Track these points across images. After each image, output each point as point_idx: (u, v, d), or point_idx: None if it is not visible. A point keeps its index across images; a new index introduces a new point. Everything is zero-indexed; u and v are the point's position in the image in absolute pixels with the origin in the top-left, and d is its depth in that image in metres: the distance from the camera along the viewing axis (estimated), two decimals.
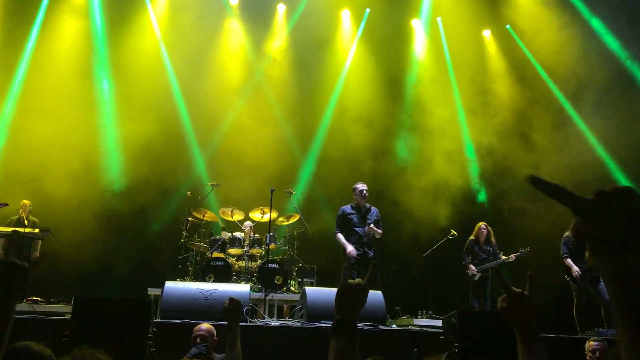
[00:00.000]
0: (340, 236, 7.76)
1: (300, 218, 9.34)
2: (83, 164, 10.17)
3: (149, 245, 10.32)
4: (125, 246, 10.18)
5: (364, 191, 7.84)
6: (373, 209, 7.98)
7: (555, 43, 11.10)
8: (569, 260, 7.87)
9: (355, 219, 7.81)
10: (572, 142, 11.13)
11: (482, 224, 9.03)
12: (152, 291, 8.21)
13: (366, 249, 7.69)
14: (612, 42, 11.17)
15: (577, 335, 7.18)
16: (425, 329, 6.73)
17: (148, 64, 11.19)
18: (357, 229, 7.75)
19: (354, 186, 8.00)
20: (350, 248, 7.58)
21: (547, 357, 1.60)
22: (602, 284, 7.65)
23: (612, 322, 7.39)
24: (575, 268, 7.75)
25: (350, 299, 1.70)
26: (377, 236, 7.74)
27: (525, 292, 1.66)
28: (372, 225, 7.66)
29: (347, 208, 7.94)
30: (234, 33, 11.91)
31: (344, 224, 7.83)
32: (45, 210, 9.24)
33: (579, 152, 11.03)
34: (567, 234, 7.99)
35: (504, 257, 8.68)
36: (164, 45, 11.48)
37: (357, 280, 1.74)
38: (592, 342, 4.82)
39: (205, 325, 4.69)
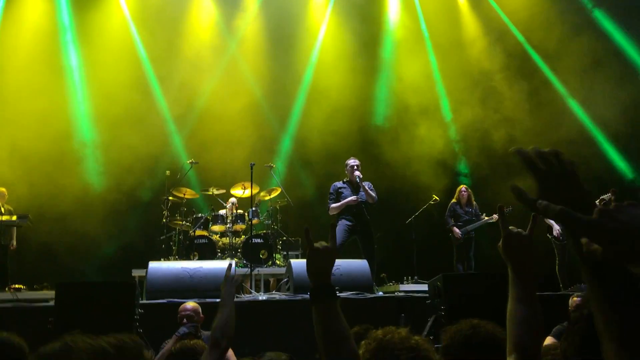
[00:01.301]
0: (334, 204, 7.56)
1: (282, 191, 9.31)
2: (58, 148, 9.97)
3: (130, 227, 10.21)
4: (106, 229, 10.05)
5: (355, 166, 7.65)
6: (366, 182, 7.75)
7: (532, 7, 11.06)
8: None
9: (347, 192, 7.64)
10: (548, 105, 11.21)
11: (462, 187, 9.15)
12: (137, 272, 8.15)
13: (361, 222, 7.50)
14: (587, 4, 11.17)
15: (561, 292, 7.32)
16: (411, 294, 6.80)
17: (118, 44, 10.93)
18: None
19: (346, 162, 7.82)
20: (350, 198, 7.46)
21: (536, 300, 1.60)
22: None
23: None
24: (556, 226, 7.87)
25: (321, 262, 1.71)
26: (371, 200, 7.53)
27: (524, 232, 1.64)
28: (366, 187, 7.49)
29: (339, 183, 7.78)
30: (204, 9, 11.64)
31: (337, 199, 7.66)
32: (22, 197, 9.06)
33: (555, 113, 11.13)
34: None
35: (486, 218, 8.81)
36: (133, 24, 11.19)
37: (322, 242, 1.75)
38: (575, 298, 4.91)
39: (190, 304, 4.67)
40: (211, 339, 2.58)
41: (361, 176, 7.49)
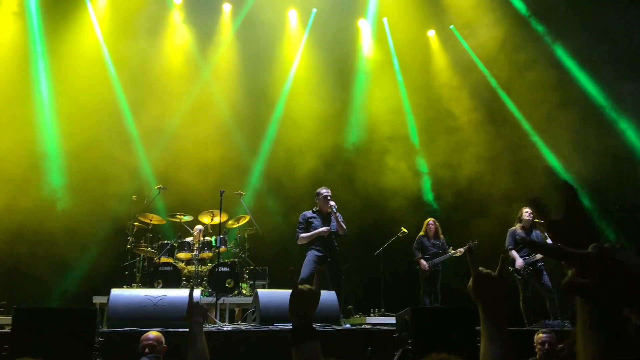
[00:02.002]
0: (304, 234, 7.42)
1: (250, 219, 9.24)
2: (21, 169, 9.72)
3: (93, 252, 9.95)
4: (68, 253, 9.79)
5: (328, 196, 7.52)
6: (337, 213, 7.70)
7: (495, 40, 11.41)
8: (513, 252, 8.07)
9: (316, 222, 7.49)
10: (513, 137, 11.50)
11: (430, 220, 9.25)
12: (98, 299, 7.94)
13: (330, 253, 7.39)
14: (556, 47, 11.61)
15: (525, 328, 7.37)
16: (378, 326, 6.76)
17: (89, 65, 10.79)
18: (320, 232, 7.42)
19: (317, 191, 7.69)
20: (321, 228, 7.34)
21: (508, 339, 1.61)
22: (545, 276, 7.90)
23: (557, 314, 7.65)
24: (519, 260, 7.96)
25: (304, 304, 1.71)
26: (341, 232, 7.42)
27: (493, 273, 1.66)
28: (338, 217, 7.37)
29: (309, 213, 7.62)
30: (178, 33, 11.65)
31: (306, 229, 7.51)
32: None
33: (519, 147, 11.42)
34: (512, 228, 8.22)
35: (452, 251, 8.90)
36: (105, 46, 11.11)
37: (307, 285, 1.75)
38: (541, 334, 4.93)
39: (153, 334, 4.55)
40: None
41: (336, 206, 7.43)
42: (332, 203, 7.38)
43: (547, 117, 11.02)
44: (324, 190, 7.61)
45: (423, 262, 8.89)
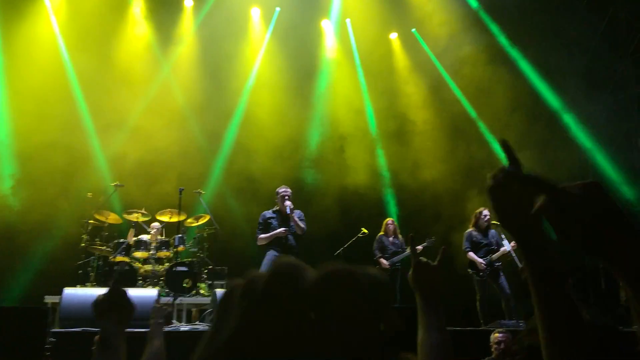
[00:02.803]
0: (263, 235, 7.37)
1: (210, 219, 9.13)
2: None
3: (45, 249, 9.64)
4: (18, 250, 9.46)
5: (286, 195, 7.48)
6: (296, 211, 7.58)
7: (457, 46, 11.61)
8: (471, 254, 8.22)
9: (275, 222, 7.43)
10: (470, 141, 11.72)
11: (388, 220, 9.36)
12: (50, 299, 7.70)
13: (287, 253, 7.33)
14: (513, 52, 11.90)
15: (481, 327, 7.50)
16: None
17: (44, 58, 10.48)
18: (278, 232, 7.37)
19: (277, 190, 7.64)
20: (279, 230, 7.27)
21: (445, 327, 1.63)
22: (502, 276, 8.08)
23: (512, 314, 7.82)
24: (479, 261, 8.11)
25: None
26: (300, 232, 7.40)
27: (432, 263, 1.69)
28: (295, 217, 7.32)
29: (268, 213, 7.57)
30: (138, 27, 11.42)
31: (265, 229, 7.46)
32: None
33: (476, 151, 11.65)
34: (469, 229, 8.37)
35: (409, 249, 8.99)
36: (62, 39, 10.80)
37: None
38: (496, 334, 5.02)
39: None
40: None
41: (292, 206, 7.41)
42: (288, 203, 7.35)
43: (506, 123, 11.26)
44: (282, 190, 7.57)
45: (383, 260, 8.97)
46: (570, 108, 11.42)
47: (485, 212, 8.19)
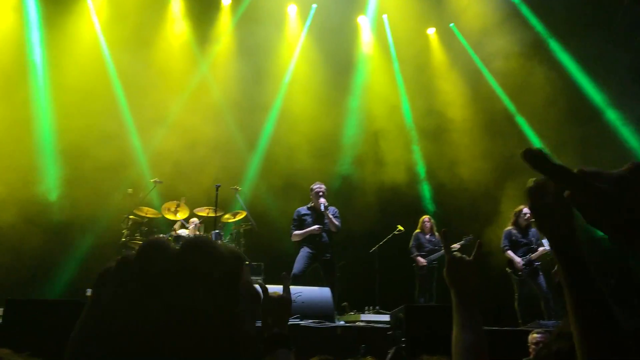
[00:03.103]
0: (297, 232, 7.44)
1: (247, 215, 9.22)
2: (15, 161, 9.66)
3: (88, 244, 9.92)
4: (62, 246, 9.76)
5: (320, 192, 7.51)
6: (331, 208, 7.60)
7: (496, 40, 11.37)
8: (509, 252, 8.07)
9: (309, 219, 7.47)
10: (511, 139, 11.47)
11: (425, 217, 9.28)
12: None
13: (322, 250, 7.36)
14: (553, 44, 11.59)
15: (519, 327, 7.36)
16: (372, 324, 6.75)
17: (86, 56, 10.75)
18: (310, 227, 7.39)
19: (311, 187, 7.67)
20: (312, 227, 7.31)
21: (480, 326, 1.60)
22: (541, 276, 7.90)
23: (552, 314, 7.65)
24: (517, 259, 7.95)
25: (276, 312, 1.68)
26: (334, 229, 7.43)
27: (467, 258, 1.66)
28: (330, 214, 7.31)
29: (303, 209, 7.62)
30: (177, 26, 11.60)
31: (300, 226, 7.51)
32: None
33: (517, 149, 11.37)
34: (508, 227, 8.21)
35: None
36: (103, 37, 11.06)
37: (276, 292, 1.72)
38: (535, 335, 4.92)
39: None
40: None
41: (326, 203, 7.41)
42: (322, 200, 7.36)
43: (546, 120, 11.00)
44: (317, 186, 7.58)
45: (420, 258, 8.89)
46: (614, 105, 11.05)
47: (526, 210, 8.01)
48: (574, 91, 11.34)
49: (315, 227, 7.34)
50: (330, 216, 7.38)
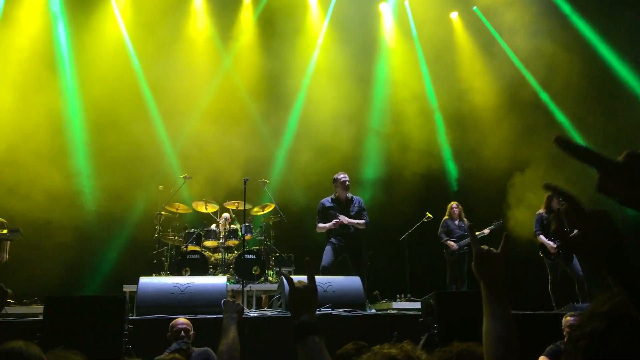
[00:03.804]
0: (321, 224, 7.43)
1: (275, 207, 9.28)
2: (48, 161, 9.88)
3: (122, 241, 10.14)
4: (97, 243, 10.00)
5: (346, 181, 7.45)
6: (356, 198, 7.58)
7: (521, 23, 11.16)
8: (542, 237, 7.97)
9: (334, 211, 7.44)
10: (538, 122, 11.28)
11: (453, 203, 9.20)
12: (127, 288, 8.08)
13: (348, 240, 7.34)
14: (579, 24, 11.31)
15: (554, 311, 7.29)
16: (404, 312, 6.76)
17: (111, 55, 10.91)
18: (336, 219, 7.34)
19: (334, 177, 7.61)
20: (333, 222, 7.28)
21: (510, 316, 1.61)
22: (575, 260, 7.79)
23: (586, 297, 7.54)
24: (550, 244, 7.86)
25: (302, 301, 1.72)
26: (360, 227, 7.40)
27: (495, 250, 1.67)
28: (343, 219, 7.29)
29: (327, 201, 7.57)
30: (200, 22, 11.69)
31: (325, 217, 7.48)
32: (14, 209, 8.96)
33: (544, 132, 11.21)
34: (539, 211, 8.10)
35: (477, 233, 8.83)
36: (127, 35, 11.21)
37: (302, 281, 1.77)
38: (568, 317, 4.88)
39: (183, 319, 4.64)
40: None
41: (345, 221, 7.30)
42: (339, 221, 7.29)
43: (576, 102, 10.78)
44: (342, 176, 7.52)
45: (451, 243, 8.83)
46: None
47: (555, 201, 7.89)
48: (603, 71, 11.08)
49: (335, 221, 7.29)
50: (354, 221, 7.34)
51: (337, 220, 7.30)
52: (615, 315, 1.04)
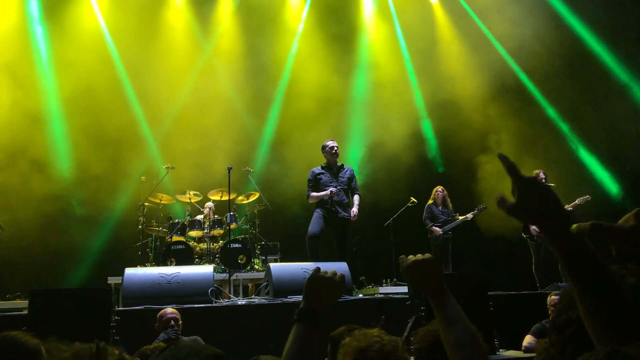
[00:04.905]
0: (313, 194, 7.34)
1: (260, 195, 9.26)
2: (27, 152, 9.73)
3: (105, 233, 10.05)
4: (80, 236, 9.89)
5: (335, 148, 7.38)
6: (346, 167, 7.55)
7: (501, 7, 11.19)
8: None
9: (325, 178, 7.36)
10: (521, 108, 11.36)
11: (438, 188, 9.26)
12: (113, 280, 8.02)
13: (338, 208, 7.28)
14: (561, 8, 11.36)
15: (538, 291, 7.40)
16: (391, 295, 6.80)
17: (90, 47, 10.69)
18: (326, 187, 7.28)
19: (323, 144, 7.52)
20: (325, 191, 7.21)
21: (463, 316, 1.57)
22: None
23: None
24: (532, 226, 7.95)
25: (319, 291, 1.68)
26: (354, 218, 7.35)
27: (422, 256, 1.66)
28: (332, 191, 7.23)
29: (317, 169, 7.47)
30: (179, 11, 11.53)
31: (316, 186, 7.38)
32: None
33: (528, 119, 11.30)
34: None
35: (460, 217, 8.93)
36: (105, 25, 11.01)
37: (331, 272, 1.72)
38: (553, 297, 4.95)
39: (171, 309, 4.62)
40: None
41: (333, 192, 7.23)
42: (328, 193, 7.23)
43: (560, 88, 10.87)
44: (330, 142, 7.46)
45: (436, 228, 8.90)
46: (623, 66, 10.91)
47: (542, 174, 7.97)
48: (584, 55, 11.17)
49: (327, 192, 7.23)
50: (355, 202, 7.33)
51: (332, 189, 7.24)
52: None
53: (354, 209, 7.32)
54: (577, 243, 1.00)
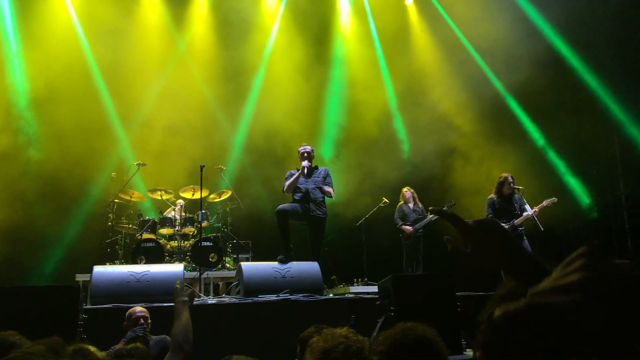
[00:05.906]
0: (288, 181, 7.25)
1: (232, 194, 9.23)
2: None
3: (74, 230, 9.87)
4: (48, 232, 9.70)
5: (305, 152, 7.37)
6: (321, 168, 7.54)
7: (475, 11, 11.32)
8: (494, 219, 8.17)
9: (301, 179, 7.31)
10: (496, 114, 11.53)
11: (405, 188, 9.34)
12: (81, 277, 7.90)
13: (312, 206, 7.18)
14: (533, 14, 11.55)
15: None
16: (361, 295, 6.85)
17: (62, 42, 10.50)
18: (301, 185, 7.24)
19: (298, 149, 7.55)
20: (297, 173, 7.17)
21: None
22: (526, 241, 8.04)
23: None
24: (505, 227, 8.06)
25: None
26: (329, 196, 7.33)
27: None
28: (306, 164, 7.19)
29: (293, 170, 7.44)
30: (152, 5, 11.38)
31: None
32: None
33: (502, 125, 11.47)
34: (491, 195, 8.30)
35: (431, 216, 8.99)
36: (77, 19, 10.82)
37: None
38: None
39: (140, 308, 4.57)
40: (172, 343, 2.76)
41: (309, 164, 7.22)
42: (305, 163, 7.25)
43: (537, 92, 11.05)
44: (301, 148, 7.46)
45: (407, 227, 8.96)
46: (595, 71, 11.18)
47: (510, 178, 8.10)
48: (556, 58, 11.38)
49: (298, 171, 7.18)
50: (326, 189, 7.30)
51: (305, 163, 7.19)
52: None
53: (328, 188, 7.32)
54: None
